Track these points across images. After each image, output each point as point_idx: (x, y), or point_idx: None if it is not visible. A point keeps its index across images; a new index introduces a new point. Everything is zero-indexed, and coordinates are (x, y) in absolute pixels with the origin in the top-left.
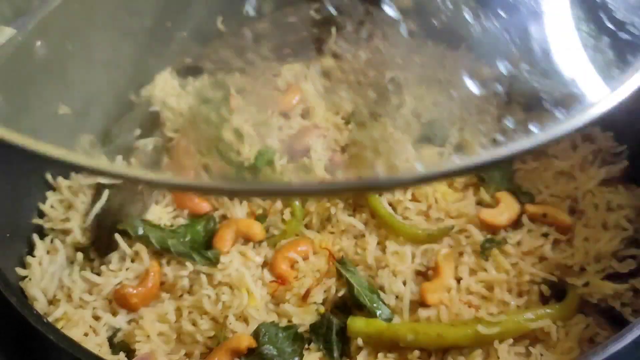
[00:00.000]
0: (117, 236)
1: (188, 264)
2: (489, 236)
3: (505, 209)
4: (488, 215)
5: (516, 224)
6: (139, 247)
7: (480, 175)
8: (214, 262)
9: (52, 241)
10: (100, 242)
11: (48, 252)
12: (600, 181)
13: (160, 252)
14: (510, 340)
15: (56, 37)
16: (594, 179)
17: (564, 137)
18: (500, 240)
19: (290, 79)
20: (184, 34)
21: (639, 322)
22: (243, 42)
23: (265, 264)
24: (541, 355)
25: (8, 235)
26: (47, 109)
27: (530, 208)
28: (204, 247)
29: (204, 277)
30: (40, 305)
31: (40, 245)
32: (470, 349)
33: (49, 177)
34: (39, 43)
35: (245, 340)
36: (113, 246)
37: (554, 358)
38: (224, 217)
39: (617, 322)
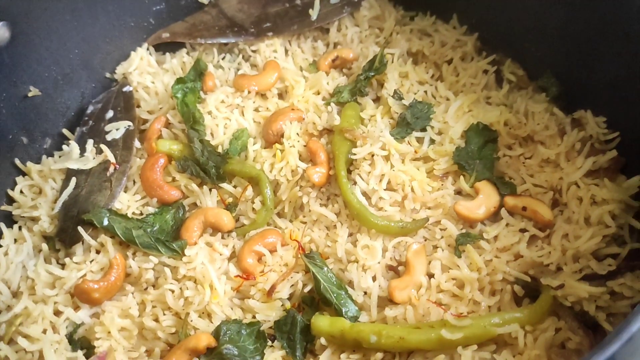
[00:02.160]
0: (80, 229)
1: (152, 257)
2: (464, 230)
3: (484, 200)
4: (464, 208)
5: (495, 216)
6: (104, 238)
7: (461, 163)
8: (179, 254)
9: (20, 229)
10: (64, 234)
11: (15, 241)
12: (586, 172)
13: (127, 243)
14: (475, 346)
15: (22, 13)
16: (581, 169)
17: None
18: (476, 235)
19: (269, 55)
20: (161, 7)
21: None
22: (221, 16)
23: (233, 256)
24: None
25: None
26: (15, 91)
27: (510, 201)
28: (173, 236)
29: (168, 271)
30: (3, 298)
31: (7, 234)
32: (434, 353)
33: (17, 161)
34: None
35: (204, 340)
36: (78, 237)
37: None
38: (194, 205)
39: (591, 327)
